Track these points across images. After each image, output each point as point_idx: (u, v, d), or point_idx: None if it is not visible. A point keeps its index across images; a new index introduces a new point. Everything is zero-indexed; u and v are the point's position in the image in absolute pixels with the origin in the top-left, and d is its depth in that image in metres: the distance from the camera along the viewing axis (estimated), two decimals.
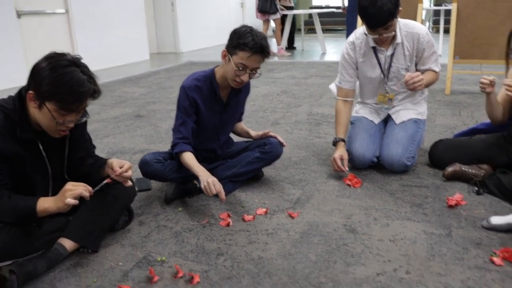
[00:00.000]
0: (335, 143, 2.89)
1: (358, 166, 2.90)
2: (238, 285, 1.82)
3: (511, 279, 1.82)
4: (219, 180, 2.36)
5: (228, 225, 2.28)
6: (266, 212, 2.40)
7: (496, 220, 2.20)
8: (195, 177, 2.38)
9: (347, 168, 2.76)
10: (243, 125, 2.89)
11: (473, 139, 2.91)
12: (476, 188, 2.60)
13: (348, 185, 2.72)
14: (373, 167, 2.93)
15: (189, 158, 2.45)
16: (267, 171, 2.89)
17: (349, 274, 1.87)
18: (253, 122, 4.15)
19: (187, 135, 2.50)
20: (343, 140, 2.88)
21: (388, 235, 2.16)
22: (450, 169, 2.75)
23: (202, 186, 2.27)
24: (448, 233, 2.16)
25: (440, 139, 3.03)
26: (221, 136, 2.72)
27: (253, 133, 2.81)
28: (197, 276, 1.86)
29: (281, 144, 2.69)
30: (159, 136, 3.91)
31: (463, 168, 2.73)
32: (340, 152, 2.81)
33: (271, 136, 2.72)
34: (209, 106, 2.56)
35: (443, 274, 1.86)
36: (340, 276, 1.85)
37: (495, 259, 1.94)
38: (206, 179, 2.27)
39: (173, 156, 2.53)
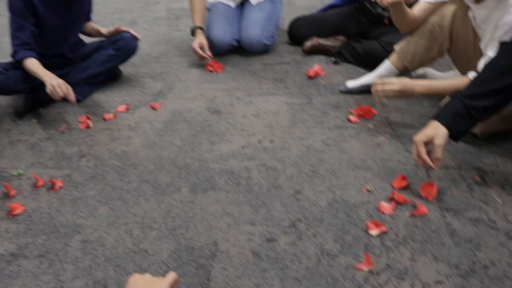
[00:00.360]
0: (193, 32, 2.80)
1: (219, 51, 2.85)
2: (104, 181, 1.75)
3: (364, 132, 1.95)
4: (74, 85, 2.20)
5: (88, 127, 2.16)
6: (127, 109, 2.30)
7: (351, 83, 2.31)
8: None
9: (209, 53, 2.70)
10: (93, 24, 2.67)
11: (328, 13, 2.96)
12: (333, 58, 2.69)
13: (210, 71, 2.68)
14: (234, 51, 2.90)
15: (32, 64, 2.23)
16: (126, 69, 2.75)
17: (215, 151, 1.87)
18: (108, 25, 3.86)
19: (27, 40, 2.25)
20: (200, 28, 2.79)
21: (252, 111, 2.18)
22: (308, 43, 2.80)
23: (48, 90, 2.09)
24: (309, 101, 2.23)
25: (298, 16, 3.04)
26: (69, 38, 2.49)
27: (104, 30, 2.62)
28: (59, 181, 1.76)
29: (135, 38, 2.54)
30: (3, 51, 3.53)
31: (321, 41, 2.79)
32: (199, 39, 2.73)
33: (124, 31, 2.55)
34: (49, 6, 2.31)
35: (305, 137, 1.93)
36: (206, 155, 1.85)
37: (351, 117, 2.05)
38: (51, 82, 2.09)
39: (16, 65, 2.30)
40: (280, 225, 1.47)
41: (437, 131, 1.52)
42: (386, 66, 2.21)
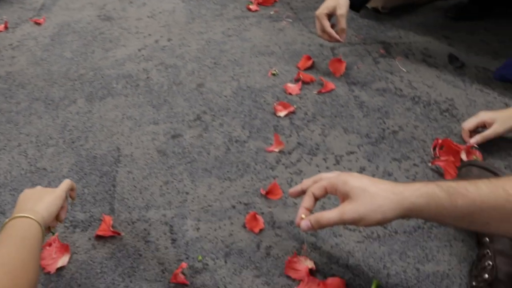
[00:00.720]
0: None
1: None
2: None
3: (265, 19, 1.86)
4: None
5: None
6: (6, 28, 2.05)
7: None
8: None
9: None
10: None
11: None
12: None
13: None
14: None
15: None
16: None
17: (110, 58, 1.73)
18: None
19: None
20: None
21: (146, 12, 2.02)
22: None
23: None
24: None
25: None
26: None
27: None
28: None
29: None
30: None
31: None
32: None
33: None
34: None
35: (204, 31, 1.82)
36: (101, 63, 1.70)
37: (251, 6, 1.94)
38: None
39: None
40: (185, 120, 1.38)
41: (337, 1, 1.45)
42: None
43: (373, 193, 0.79)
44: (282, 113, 1.39)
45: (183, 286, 0.98)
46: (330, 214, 0.81)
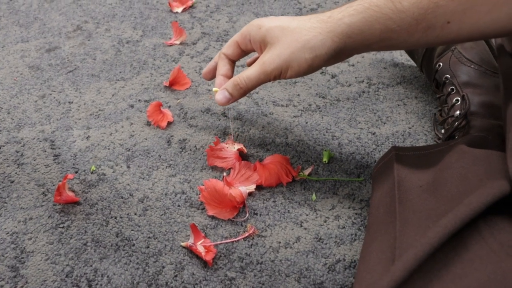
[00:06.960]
0: None
1: None
2: None
3: None
4: None
5: None
6: None
7: None
8: None
9: None
10: None
11: None
12: None
13: None
14: None
15: None
16: None
17: None
18: None
19: None
20: None
21: None
22: None
23: None
24: None
25: None
26: None
27: None
28: None
29: None
30: None
31: None
32: None
33: None
34: None
35: None
36: None
37: None
38: None
39: None
40: (62, 32, 1.04)
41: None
42: None
43: (295, 28, 0.54)
44: (179, 9, 1.08)
45: (73, 205, 0.66)
46: (248, 71, 0.57)
